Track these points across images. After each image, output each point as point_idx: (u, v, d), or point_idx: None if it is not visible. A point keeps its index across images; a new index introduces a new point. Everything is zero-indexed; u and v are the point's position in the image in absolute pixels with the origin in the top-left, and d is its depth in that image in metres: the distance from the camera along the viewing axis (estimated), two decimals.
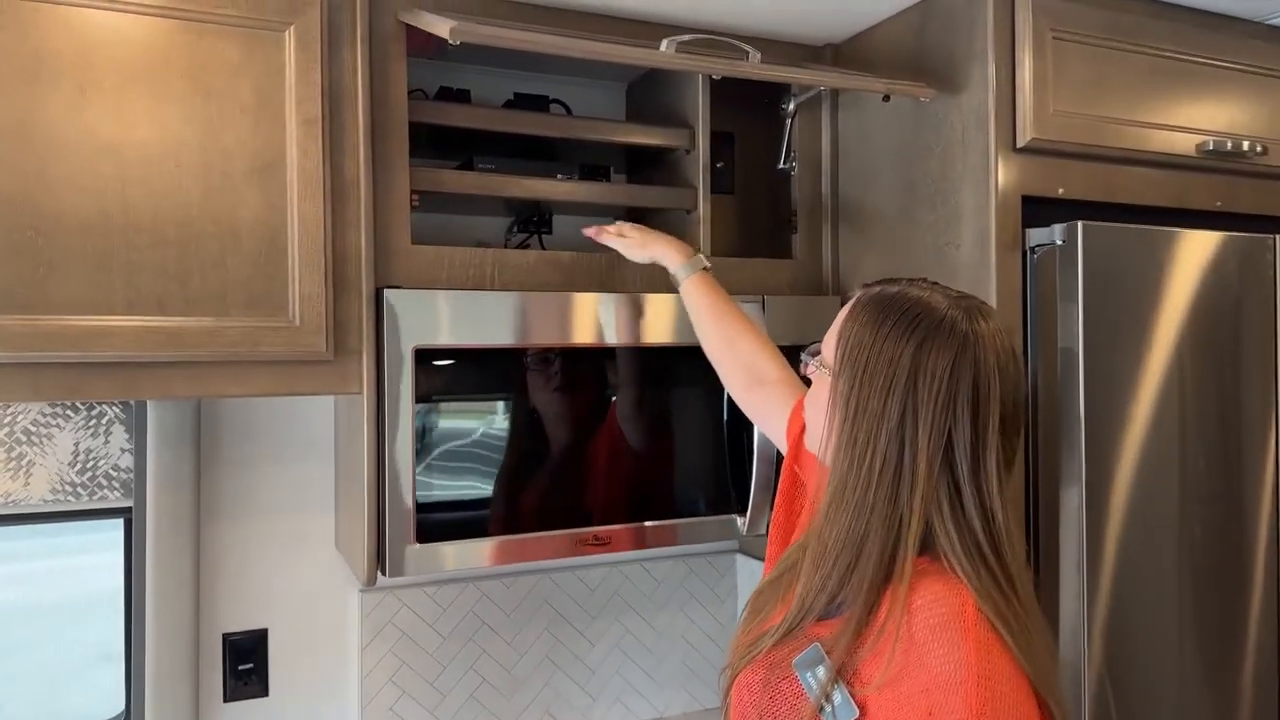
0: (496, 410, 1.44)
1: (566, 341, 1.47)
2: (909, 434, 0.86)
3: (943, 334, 0.87)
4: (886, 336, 0.88)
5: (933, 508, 0.85)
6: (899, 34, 1.57)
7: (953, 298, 0.91)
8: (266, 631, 1.66)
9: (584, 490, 1.51)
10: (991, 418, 0.86)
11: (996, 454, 0.86)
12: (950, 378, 0.85)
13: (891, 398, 0.86)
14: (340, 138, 1.38)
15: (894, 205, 1.59)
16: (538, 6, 1.55)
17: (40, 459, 1.46)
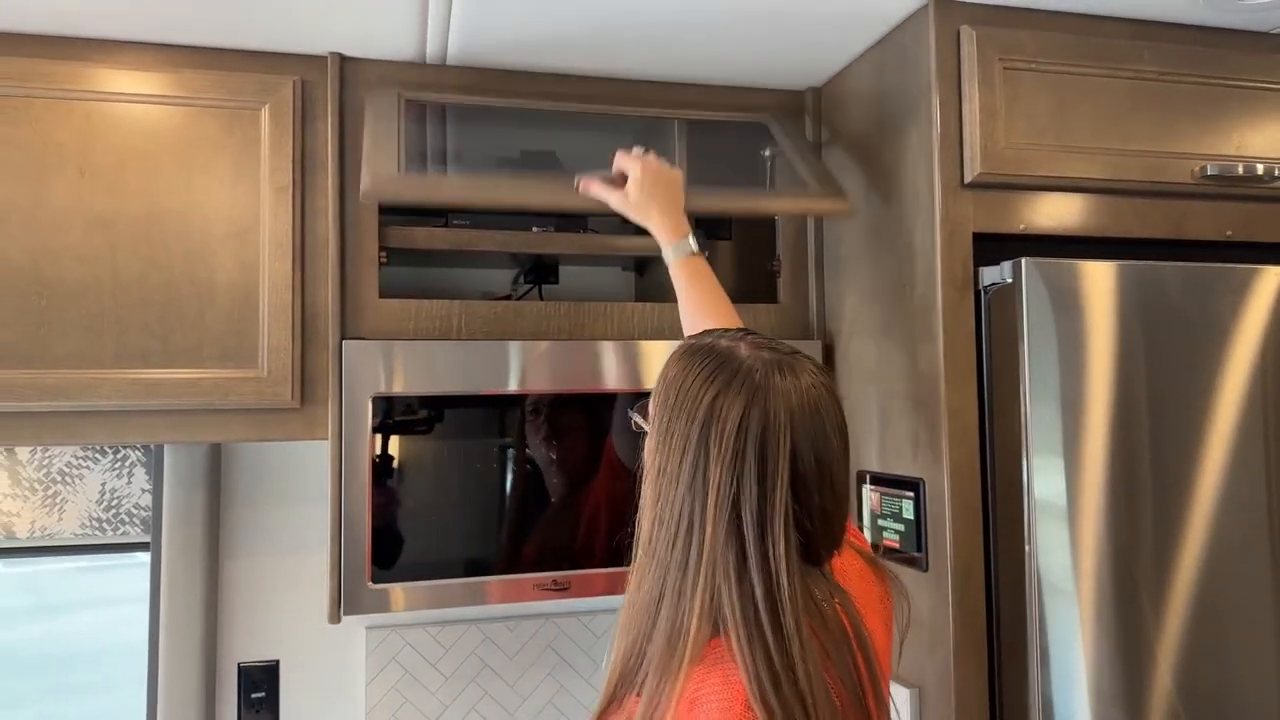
0: (452, 455, 1.50)
1: (519, 388, 1.51)
2: (699, 490, 0.82)
3: (735, 386, 0.84)
4: (686, 390, 0.86)
5: (720, 574, 0.80)
6: (865, 74, 1.55)
7: (762, 349, 0.88)
8: (278, 663, 1.78)
9: (542, 534, 1.53)
10: (779, 476, 0.82)
11: (786, 516, 0.81)
12: (738, 431, 0.82)
13: (686, 453, 0.83)
14: (312, 201, 1.50)
15: (864, 247, 1.55)
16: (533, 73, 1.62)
17: (72, 497, 1.64)
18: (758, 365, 0.86)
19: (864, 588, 0.97)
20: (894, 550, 1.44)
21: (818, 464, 0.85)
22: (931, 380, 1.34)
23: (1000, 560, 1.32)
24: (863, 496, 1.55)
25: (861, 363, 1.56)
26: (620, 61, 1.59)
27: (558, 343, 1.54)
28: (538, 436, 1.52)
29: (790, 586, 0.80)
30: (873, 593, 0.98)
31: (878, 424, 1.50)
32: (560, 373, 1.53)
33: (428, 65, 1.58)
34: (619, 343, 1.56)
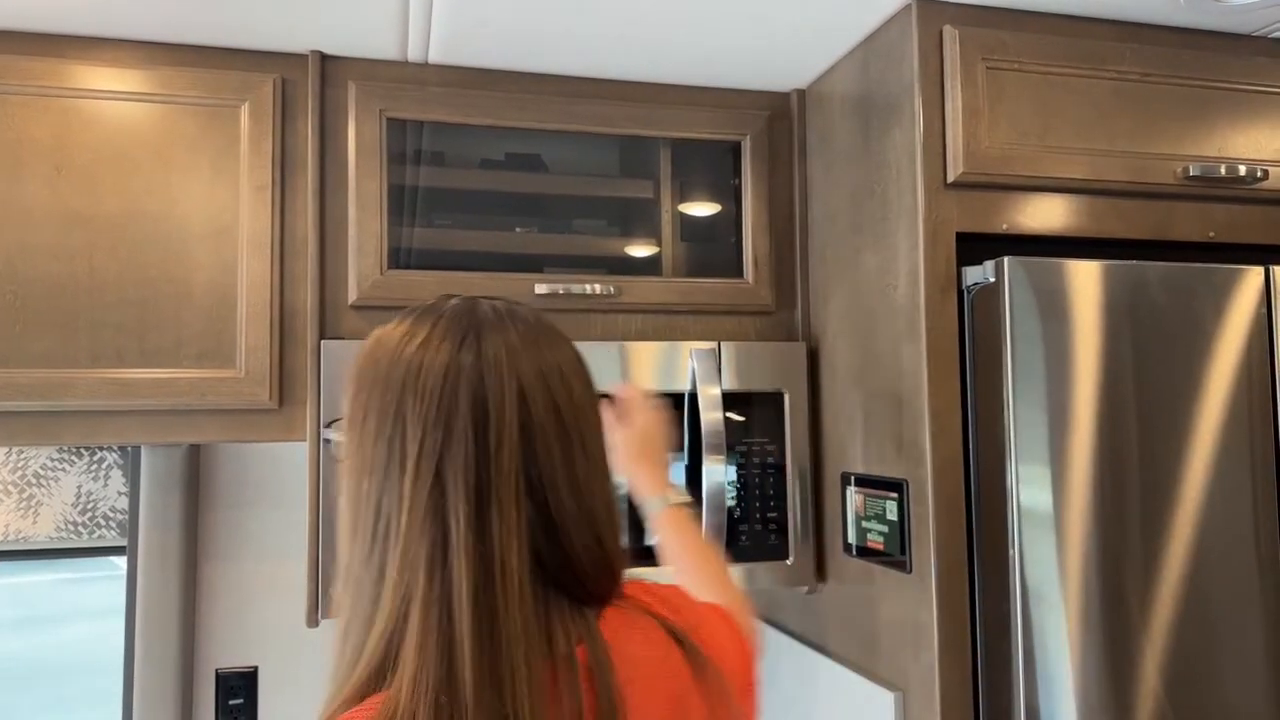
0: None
1: None
2: (394, 470, 0.67)
3: (440, 329, 0.70)
4: (380, 355, 0.72)
5: (410, 574, 0.65)
6: (849, 75, 1.54)
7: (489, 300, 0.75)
8: (257, 669, 1.75)
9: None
10: (506, 434, 0.67)
11: (516, 490, 0.66)
12: (444, 380, 0.68)
13: (381, 431, 0.68)
14: (291, 200, 1.48)
15: (849, 247, 1.54)
16: (516, 73, 1.61)
17: (47, 500, 1.62)
18: (475, 308, 0.72)
19: (650, 679, 0.74)
20: (878, 552, 1.42)
21: (560, 434, 0.69)
22: (915, 380, 1.33)
23: (984, 562, 1.31)
24: (846, 498, 1.54)
25: (846, 364, 1.55)
26: (603, 63, 1.59)
27: None
28: None
29: (514, 599, 0.64)
30: (668, 688, 0.74)
31: (862, 425, 1.49)
32: None
33: (410, 64, 1.57)
34: (601, 344, 1.54)
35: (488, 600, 0.63)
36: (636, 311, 1.63)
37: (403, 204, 1.60)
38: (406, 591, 0.64)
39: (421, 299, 1.51)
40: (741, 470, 1.58)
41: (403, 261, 1.55)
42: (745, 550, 1.58)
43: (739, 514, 1.58)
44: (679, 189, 1.75)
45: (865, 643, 1.49)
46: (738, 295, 1.66)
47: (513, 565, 0.65)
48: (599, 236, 1.74)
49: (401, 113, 1.54)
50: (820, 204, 1.65)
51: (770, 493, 1.59)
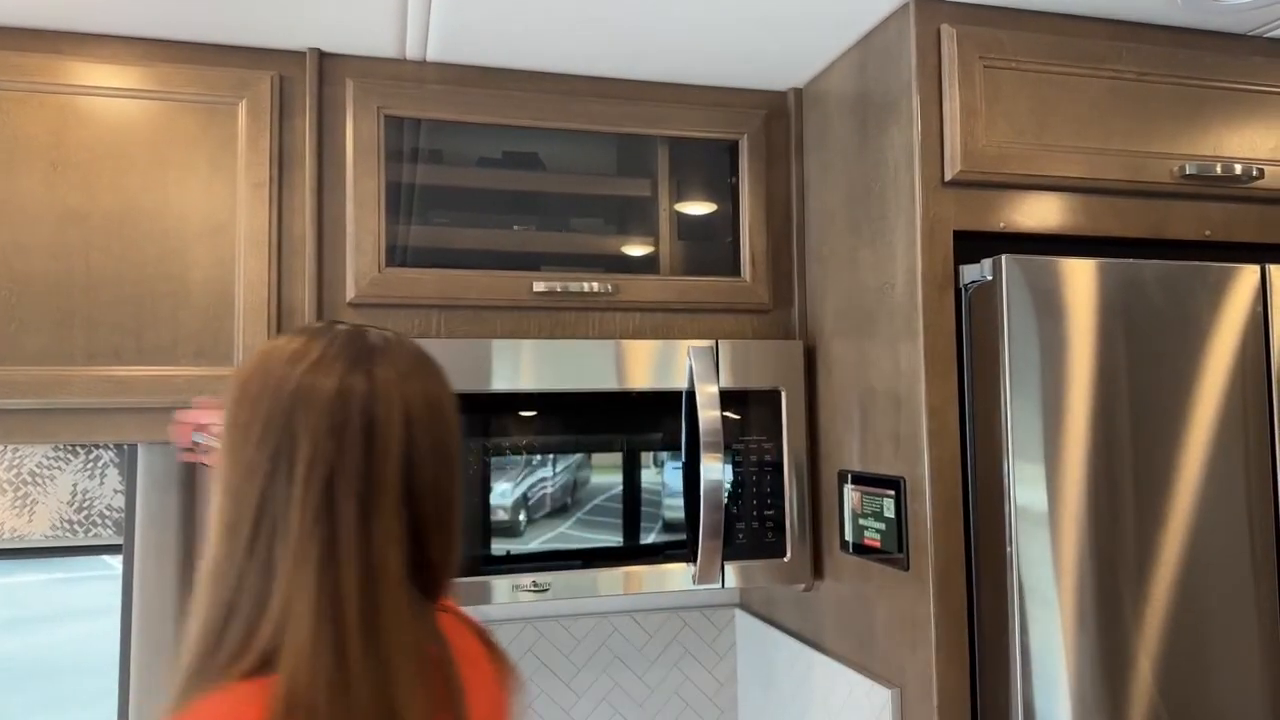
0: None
1: (499, 388, 1.49)
2: (282, 476, 0.73)
3: (331, 355, 0.76)
4: (270, 371, 0.77)
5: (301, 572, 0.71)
6: (846, 74, 1.55)
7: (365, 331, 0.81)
8: None
9: (524, 536, 1.52)
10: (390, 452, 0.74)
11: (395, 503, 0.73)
12: (336, 399, 0.74)
13: (267, 438, 0.74)
14: (289, 198, 1.48)
15: (846, 246, 1.54)
16: (513, 71, 1.61)
17: (43, 498, 1.61)
18: (365, 335, 0.79)
19: (478, 675, 0.84)
20: (875, 549, 1.43)
21: (435, 453, 0.78)
22: (912, 378, 1.34)
23: (981, 559, 1.32)
24: (844, 496, 1.54)
25: (843, 362, 1.55)
26: (601, 61, 1.59)
27: (538, 341, 1.52)
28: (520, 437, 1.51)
29: (393, 596, 0.71)
30: (489, 686, 0.85)
31: (859, 423, 1.49)
32: (539, 372, 1.52)
33: (407, 62, 1.56)
34: (600, 343, 1.54)
35: (372, 597, 0.71)
36: (634, 310, 1.63)
37: (400, 202, 1.60)
38: (296, 587, 0.69)
39: (420, 297, 1.52)
40: (738, 468, 1.59)
41: (400, 259, 1.55)
42: (742, 548, 1.58)
43: (736, 512, 1.58)
44: (676, 187, 1.75)
45: (862, 640, 1.49)
46: (735, 294, 1.66)
47: (392, 566, 0.72)
48: (596, 235, 1.74)
49: (399, 110, 1.54)
50: (817, 202, 1.65)
51: (767, 491, 1.60)
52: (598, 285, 1.61)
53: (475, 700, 0.80)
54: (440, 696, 0.74)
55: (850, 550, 1.52)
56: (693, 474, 1.57)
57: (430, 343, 1.48)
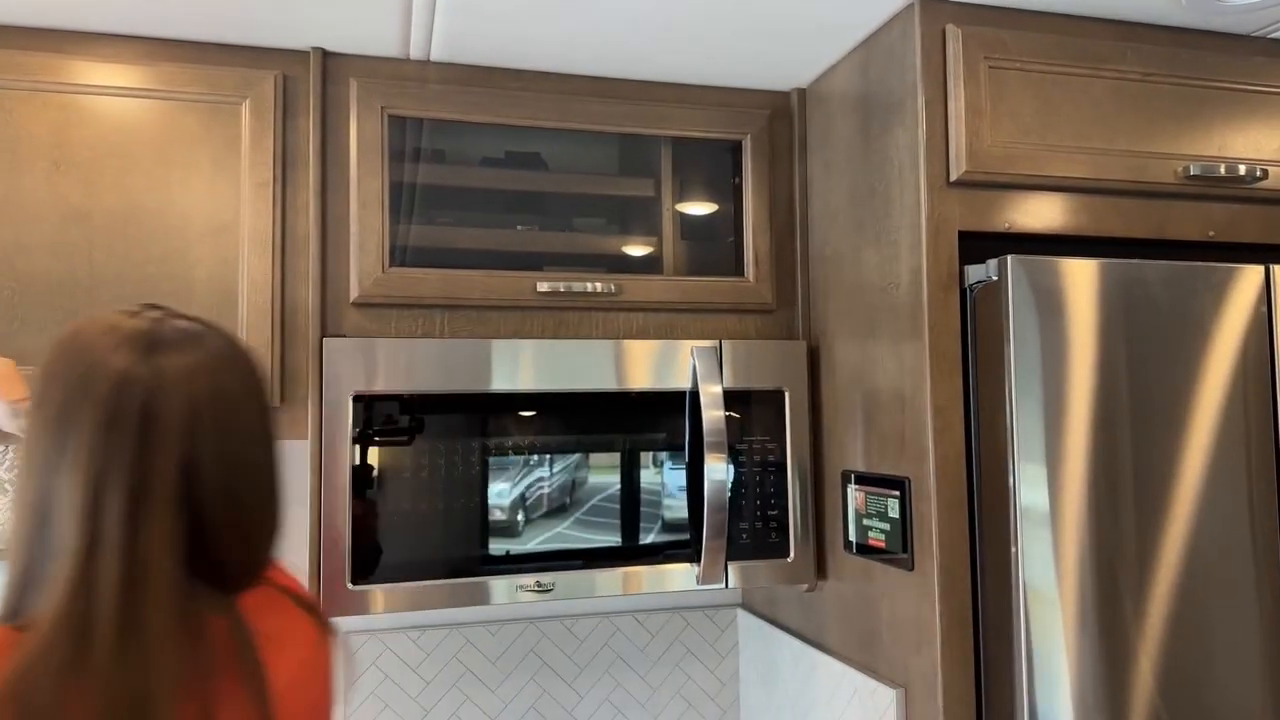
0: (433, 455, 1.48)
1: (501, 388, 1.49)
2: (65, 463, 0.74)
3: (117, 344, 0.76)
4: (62, 360, 0.77)
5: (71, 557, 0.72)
6: (850, 74, 1.55)
7: (170, 318, 0.80)
8: None
9: (525, 535, 1.52)
10: (168, 445, 0.75)
11: (169, 497, 0.74)
12: (117, 388, 0.74)
13: (54, 423, 0.74)
14: (293, 197, 1.48)
15: (849, 245, 1.54)
16: (517, 70, 1.61)
17: None
18: (164, 323, 0.79)
19: (289, 652, 0.84)
20: (879, 549, 1.43)
21: (224, 456, 0.77)
22: (917, 378, 1.34)
23: (986, 559, 1.32)
24: (847, 496, 1.54)
25: (846, 362, 1.55)
26: (605, 61, 1.59)
27: (540, 341, 1.52)
28: (522, 437, 1.51)
29: (159, 591, 0.72)
30: (302, 661, 0.85)
31: (863, 423, 1.49)
32: (543, 373, 1.52)
33: (411, 61, 1.56)
34: (603, 343, 1.54)
35: (134, 592, 0.72)
36: (637, 310, 1.63)
37: (403, 202, 1.59)
38: (56, 577, 0.71)
39: (423, 296, 1.52)
40: (741, 469, 1.59)
41: (404, 259, 1.55)
42: (745, 548, 1.58)
43: (739, 512, 1.58)
44: (679, 187, 1.75)
45: (866, 640, 1.49)
46: (738, 294, 1.66)
47: (162, 564, 0.73)
48: (599, 235, 1.74)
49: (403, 110, 1.54)
50: (820, 202, 1.65)
51: (771, 491, 1.60)
52: (601, 285, 1.61)
53: (278, 666, 0.80)
54: (233, 669, 0.76)
55: (854, 550, 1.52)
56: (696, 474, 1.57)
57: (432, 343, 1.48)
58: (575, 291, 1.60)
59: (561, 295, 1.59)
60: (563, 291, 1.59)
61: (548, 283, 1.59)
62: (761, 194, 1.68)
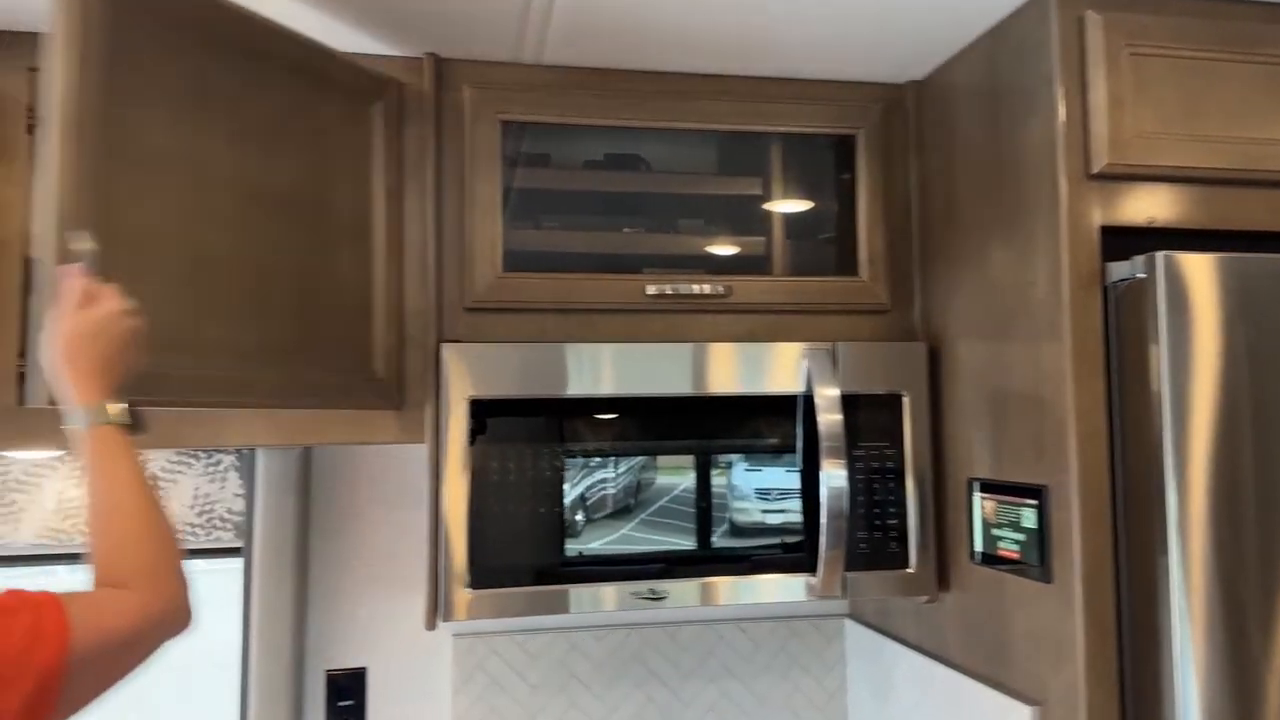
0: (549, 459, 1.46)
1: (620, 391, 1.47)
2: None
3: None
4: None
5: None
6: (974, 64, 1.49)
7: None
8: (365, 670, 1.76)
9: (637, 541, 1.49)
10: None
11: None
12: None
13: None
14: (411, 203, 1.48)
15: (974, 244, 1.49)
16: (628, 71, 1.60)
17: (166, 501, 1.64)
18: None
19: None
20: (1013, 560, 1.37)
21: None
22: (1056, 381, 1.28)
23: (1131, 572, 1.25)
24: (973, 504, 1.48)
25: (971, 365, 1.49)
26: (715, 59, 1.56)
27: (652, 345, 1.50)
28: (639, 442, 1.49)
29: None
30: None
31: (991, 429, 1.44)
32: (654, 376, 1.49)
33: (522, 65, 1.55)
34: (713, 345, 1.51)
35: None
36: (746, 311, 1.60)
37: (513, 206, 1.59)
38: None
39: (535, 301, 1.51)
40: (857, 476, 1.54)
41: (514, 264, 1.54)
42: (864, 558, 1.53)
43: (855, 521, 1.53)
44: (787, 185, 1.71)
45: (994, 654, 1.43)
46: (851, 294, 1.62)
47: None
48: (706, 236, 1.71)
49: (515, 115, 1.53)
50: (939, 199, 1.59)
51: (890, 499, 1.55)
52: (710, 287, 1.58)
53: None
54: None
55: (981, 561, 1.46)
56: (809, 482, 1.53)
57: (544, 348, 1.46)
58: (683, 294, 1.57)
59: (670, 298, 1.57)
60: (671, 294, 1.57)
61: (656, 285, 1.56)
62: (875, 190, 1.63)
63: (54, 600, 0.82)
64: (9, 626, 0.78)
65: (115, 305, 1.00)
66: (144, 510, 0.93)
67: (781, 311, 1.60)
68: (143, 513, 0.93)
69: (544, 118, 1.55)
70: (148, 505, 0.94)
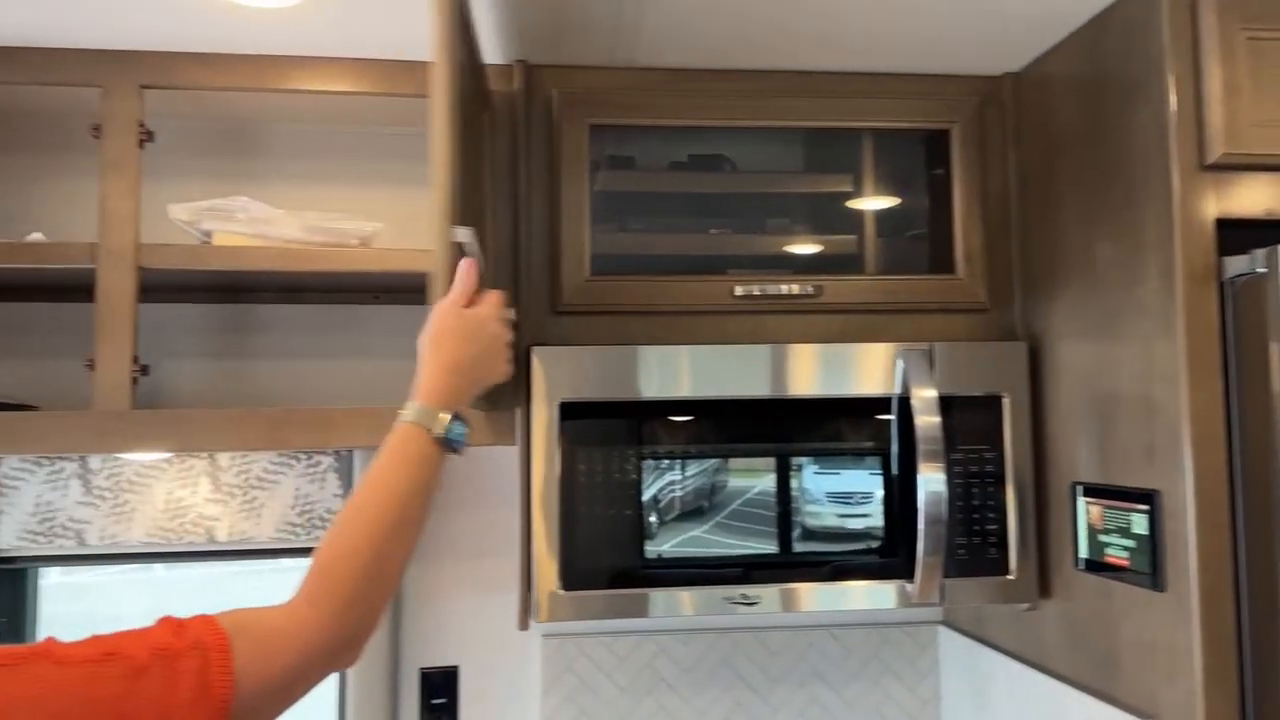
0: (640, 462, 1.46)
1: (706, 394, 1.46)
2: None
3: None
4: None
5: None
6: (1076, 54, 1.44)
7: None
8: (457, 669, 1.78)
9: (734, 546, 1.48)
10: None
11: None
12: None
13: None
14: (501, 209, 1.50)
15: (1077, 239, 1.43)
16: (716, 70, 1.59)
17: (269, 502, 1.69)
18: None
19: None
20: (1122, 568, 1.32)
21: None
22: (1169, 381, 1.22)
23: (1251, 581, 1.19)
24: (1077, 510, 1.43)
25: (1075, 365, 1.44)
26: (804, 55, 1.54)
27: (740, 347, 1.48)
28: (728, 445, 1.48)
29: None
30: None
31: (1097, 430, 1.38)
32: (740, 378, 1.48)
33: (612, 69, 1.56)
34: (800, 347, 1.49)
35: None
36: (838, 311, 1.57)
37: (600, 209, 1.59)
38: None
39: (622, 303, 1.51)
40: (955, 480, 1.50)
41: (602, 267, 1.55)
42: (963, 564, 1.49)
43: (952, 526, 1.49)
44: (878, 182, 1.68)
45: (1100, 664, 1.38)
46: (948, 292, 1.58)
47: None
48: (794, 235, 1.69)
49: (604, 119, 1.54)
50: (1038, 194, 1.54)
51: (989, 504, 1.50)
52: (799, 287, 1.56)
53: None
54: None
55: (1085, 568, 1.41)
56: (904, 486, 1.49)
57: (634, 350, 1.46)
58: (772, 294, 1.55)
59: (759, 298, 1.55)
60: (759, 294, 1.55)
61: (744, 286, 1.55)
62: (972, 185, 1.59)
63: (220, 640, 0.78)
64: (175, 673, 0.74)
65: (493, 311, 1.01)
66: (391, 530, 0.88)
67: (875, 311, 1.57)
68: (388, 531, 0.88)
69: (632, 120, 1.55)
70: (398, 527, 0.89)
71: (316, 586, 0.86)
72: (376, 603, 0.87)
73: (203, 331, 1.71)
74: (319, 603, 0.84)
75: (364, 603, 0.86)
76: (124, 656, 0.72)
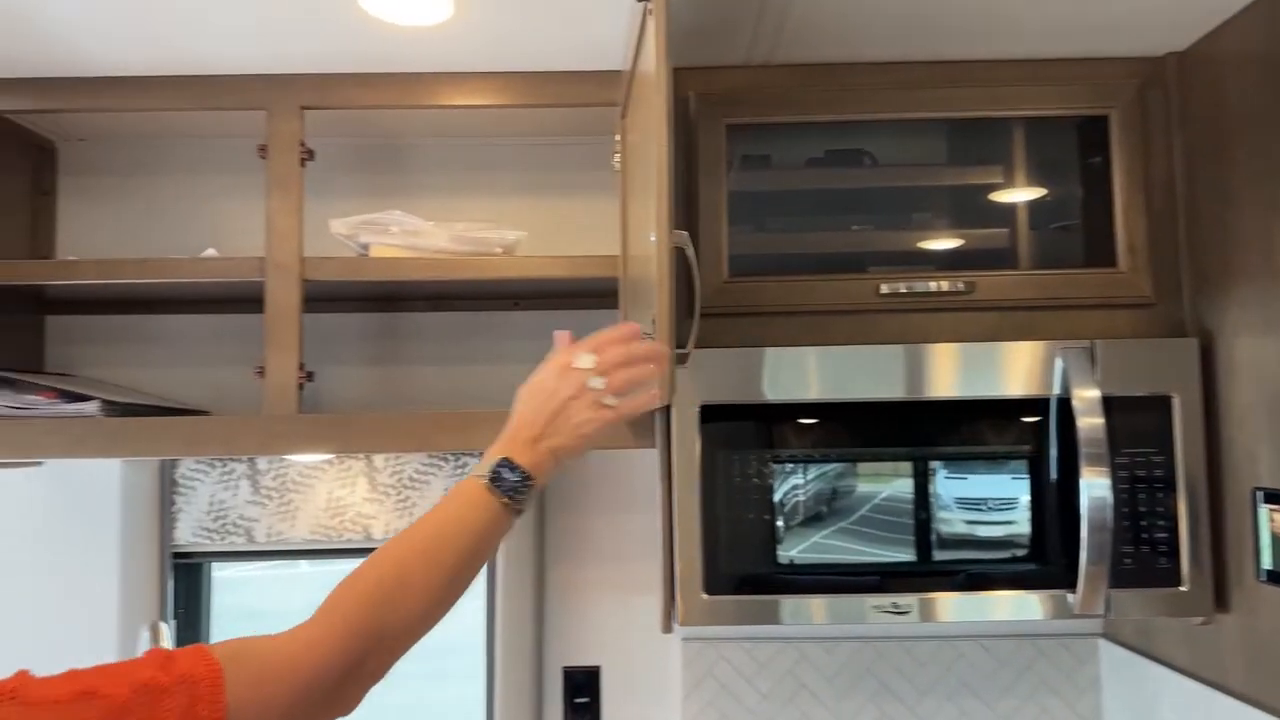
0: (784, 466, 1.44)
1: (847, 396, 1.43)
2: None
3: None
4: None
5: None
6: (1252, 28, 1.33)
7: None
8: (599, 669, 1.81)
9: (883, 553, 1.44)
10: None
11: None
12: None
13: None
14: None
15: (1256, 227, 1.33)
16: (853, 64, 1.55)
17: (420, 501, 1.76)
18: None
19: None
20: None
21: None
22: None
23: None
24: (1259, 517, 1.33)
25: (1255, 362, 1.34)
26: (946, 44, 1.48)
27: (884, 347, 1.44)
28: (876, 449, 1.44)
29: None
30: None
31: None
32: (886, 379, 1.43)
33: (748, 68, 1.55)
34: (948, 346, 1.44)
35: None
36: (989, 309, 1.51)
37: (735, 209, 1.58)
38: None
39: (762, 305, 1.49)
40: (1120, 485, 1.41)
41: (741, 268, 1.53)
42: (1129, 574, 1.41)
43: (1118, 534, 1.41)
44: (1029, 172, 1.60)
45: None
46: (1109, 286, 1.49)
47: None
48: (939, 230, 1.63)
49: (741, 118, 1.53)
50: (1209, 180, 1.44)
51: (1158, 510, 1.41)
52: (949, 284, 1.50)
53: None
54: None
55: (1269, 579, 1.30)
56: (1065, 491, 1.42)
57: (773, 352, 1.44)
58: (920, 292, 1.51)
59: (906, 297, 1.51)
60: (906, 292, 1.51)
61: (890, 284, 1.51)
62: (1134, 173, 1.50)
63: (212, 670, 0.74)
64: (158, 712, 0.69)
65: (582, 379, 0.98)
66: (420, 563, 0.88)
67: (1030, 308, 1.49)
68: (415, 563, 0.88)
69: (770, 118, 1.54)
70: (428, 559, 0.88)
71: (327, 604, 0.85)
72: (386, 639, 0.85)
73: (359, 339, 1.79)
74: (322, 620, 0.83)
75: (372, 635, 0.84)
76: (102, 696, 0.68)
